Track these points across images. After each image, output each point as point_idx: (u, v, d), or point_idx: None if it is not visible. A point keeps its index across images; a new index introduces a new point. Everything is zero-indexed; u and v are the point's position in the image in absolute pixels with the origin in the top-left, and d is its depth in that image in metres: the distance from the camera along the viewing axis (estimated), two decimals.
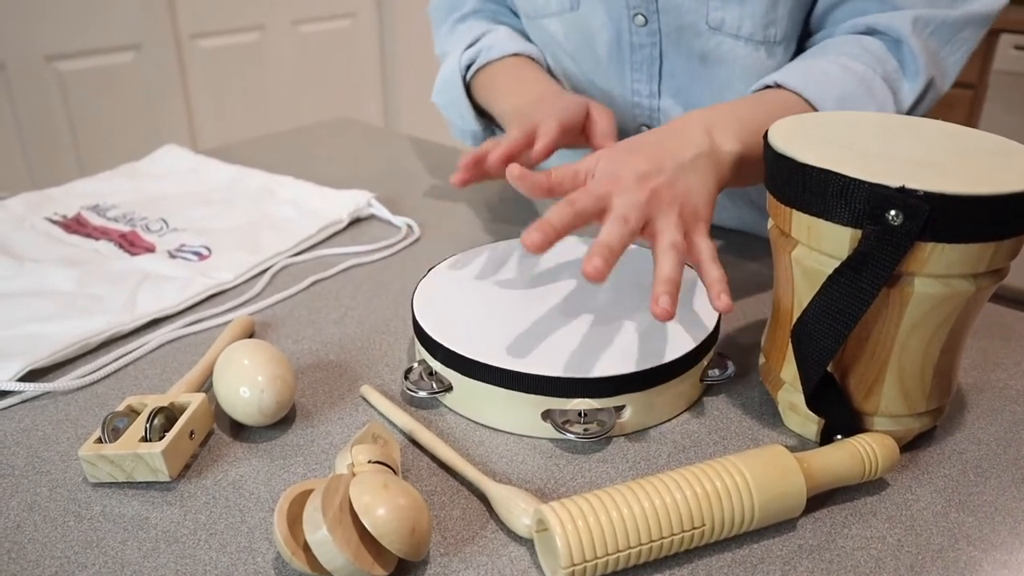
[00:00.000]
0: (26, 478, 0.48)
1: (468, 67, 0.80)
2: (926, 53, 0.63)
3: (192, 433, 0.49)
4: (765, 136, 0.49)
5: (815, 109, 0.62)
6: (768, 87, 0.65)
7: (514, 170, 0.53)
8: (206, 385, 0.56)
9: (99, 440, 0.48)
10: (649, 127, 0.78)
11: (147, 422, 0.48)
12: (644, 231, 0.52)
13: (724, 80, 0.71)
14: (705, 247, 0.52)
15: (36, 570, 0.41)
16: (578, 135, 0.69)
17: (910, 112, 0.65)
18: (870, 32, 0.65)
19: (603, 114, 0.69)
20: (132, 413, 0.50)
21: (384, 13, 2.63)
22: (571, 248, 0.66)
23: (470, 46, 0.81)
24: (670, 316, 0.46)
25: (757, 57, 0.69)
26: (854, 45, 0.65)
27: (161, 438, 0.47)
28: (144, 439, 0.47)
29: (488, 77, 0.79)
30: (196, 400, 0.50)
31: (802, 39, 0.71)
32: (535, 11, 0.78)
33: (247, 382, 0.50)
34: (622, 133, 0.81)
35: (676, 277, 0.48)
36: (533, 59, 0.80)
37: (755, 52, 0.69)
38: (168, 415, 0.49)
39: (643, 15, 0.70)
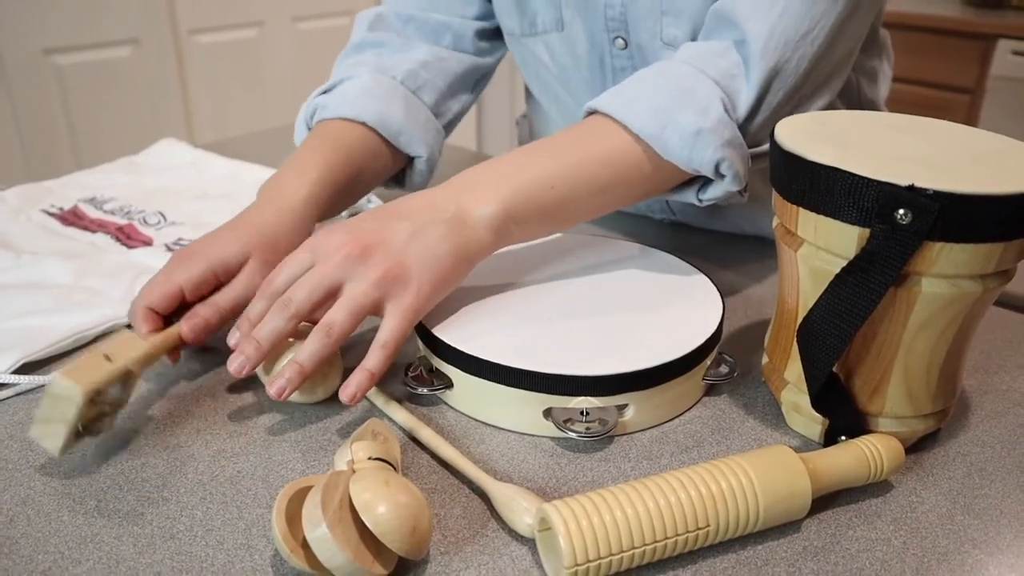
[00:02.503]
0: (19, 472, 0.47)
1: (313, 115, 0.73)
2: (770, 36, 0.57)
3: (108, 358, 0.47)
4: (772, 135, 0.48)
5: (626, 127, 0.57)
6: (591, 113, 0.61)
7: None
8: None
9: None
10: None
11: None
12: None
13: None
14: (385, 328, 0.50)
15: (29, 565, 0.41)
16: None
17: (757, 104, 0.58)
18: (720, 20, 0.60)
19: (241, 280, 0.56)
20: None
21: None
22: (575, 246, 0.65)
23: (324, 92, 0.74)
24: (279, 397, 0.48)
25: None
26: (696, 47, 0.60)
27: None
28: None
29: (312, 134, 0.70)
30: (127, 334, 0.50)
31: None
32: (520, 30, 0.76)
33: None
34: None
35: (307, 362, 0.48)
36: (368, 127, 0.70)
37: None
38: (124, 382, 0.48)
39: (623, 38, 0.70)
